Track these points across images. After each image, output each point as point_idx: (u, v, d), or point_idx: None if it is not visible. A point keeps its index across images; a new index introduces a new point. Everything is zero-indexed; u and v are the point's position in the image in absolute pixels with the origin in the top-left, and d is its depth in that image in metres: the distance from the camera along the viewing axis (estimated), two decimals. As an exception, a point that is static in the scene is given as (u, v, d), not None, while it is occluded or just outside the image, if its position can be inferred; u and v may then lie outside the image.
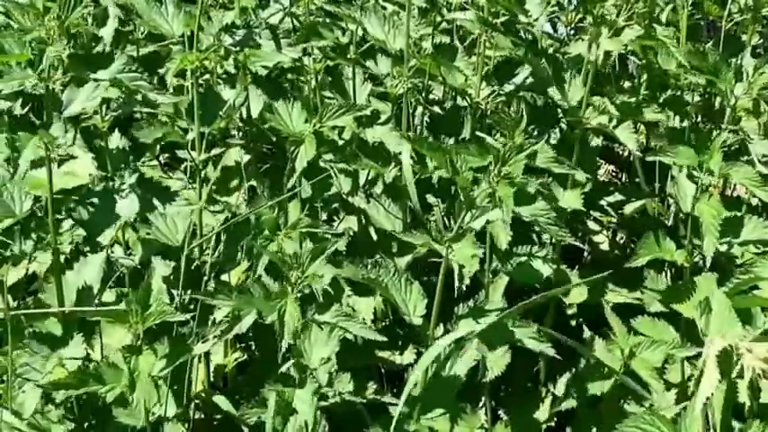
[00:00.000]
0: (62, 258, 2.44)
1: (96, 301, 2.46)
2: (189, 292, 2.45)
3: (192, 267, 2.63)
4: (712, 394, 1.80)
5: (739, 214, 2.72)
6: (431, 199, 2.89)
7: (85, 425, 2.49)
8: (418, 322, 2.39)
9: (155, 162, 3.09)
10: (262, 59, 2.80)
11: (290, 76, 3.18)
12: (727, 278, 2.44)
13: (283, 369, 2.21)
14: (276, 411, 2.16)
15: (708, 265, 2.61)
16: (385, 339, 2.29)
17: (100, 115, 2.73)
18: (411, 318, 2.40)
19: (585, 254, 3.23)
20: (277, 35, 2.76)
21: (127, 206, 2.45)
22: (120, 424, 2.39)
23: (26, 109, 2.77)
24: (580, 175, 2.68)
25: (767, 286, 2.47)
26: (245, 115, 2.93)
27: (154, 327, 2.21)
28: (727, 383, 1.92)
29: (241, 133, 3.00)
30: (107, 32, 2.90)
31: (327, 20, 3.01)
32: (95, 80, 2.19)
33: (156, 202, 2.53)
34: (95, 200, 2.44)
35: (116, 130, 2.89)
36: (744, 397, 1.94)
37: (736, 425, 2.02)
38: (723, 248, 2.64)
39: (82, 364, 2.23)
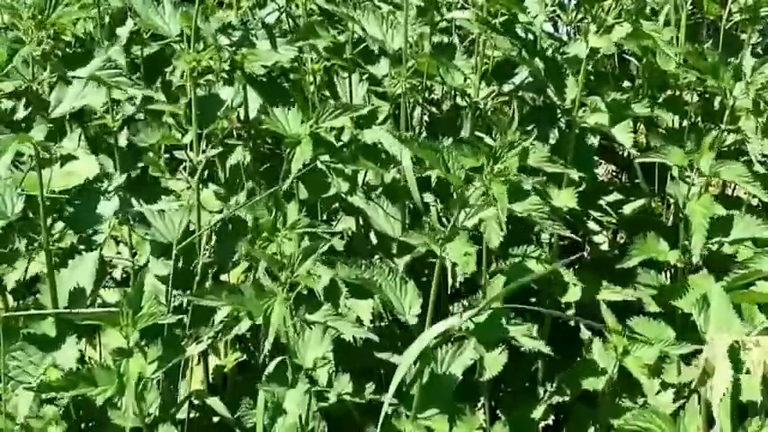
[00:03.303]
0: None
1: (99, 301, 2.47)
2: (187, 292, 2.45)
3: (191, 267, 2.63)
4: (727, 390, 1.78)
5: (732, 213, 2.71)
6: (428, 198, 2.88)
7: (82, 425, 2.49)
8: (413, 321, 2.39)
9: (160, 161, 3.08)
10: (259, 59, 2.80)
11: (292, 76, 3.18)
12: (722, 278, 2.44)
13: (270, 369, 2.19)
14: (266, 411, 2.15)
15: (700, 263, 2.61)
16: (377, 338, 2.27)
17: (111, 114, 2.73)
18: (406, 317, 2.40)
19: (585, 254, 3.22)
20: (273, 34, 2.76)
21: (108, 205, 2.44)
22: (118, 425, 2.39)
23: (29, 110, 2.77)
24: (573, 174, 2.67)
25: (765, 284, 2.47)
26: (242, 116, 2.93)
27: (149, 327, 2.19)
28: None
29: (240, 133, 2.99)
30: (123, 32, 2.91)
31: (324, 20, 3.02)
32: (75, 78, 2.18)
33: (141, 201, 2.51)
34: (78, 200, 2.43)
35: (125, 128, 2.89)
36: (753, 393, 1.93)
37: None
38: (714, 247, 2.64)
39: (74, 365, 2.22)
